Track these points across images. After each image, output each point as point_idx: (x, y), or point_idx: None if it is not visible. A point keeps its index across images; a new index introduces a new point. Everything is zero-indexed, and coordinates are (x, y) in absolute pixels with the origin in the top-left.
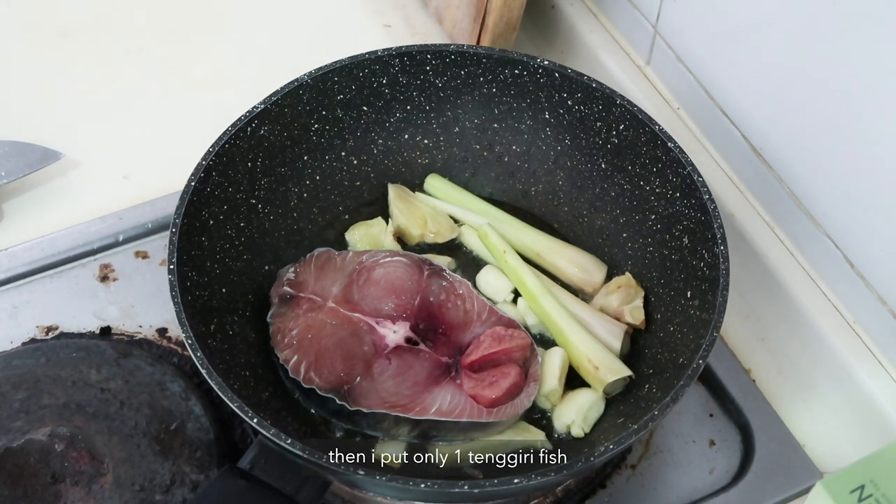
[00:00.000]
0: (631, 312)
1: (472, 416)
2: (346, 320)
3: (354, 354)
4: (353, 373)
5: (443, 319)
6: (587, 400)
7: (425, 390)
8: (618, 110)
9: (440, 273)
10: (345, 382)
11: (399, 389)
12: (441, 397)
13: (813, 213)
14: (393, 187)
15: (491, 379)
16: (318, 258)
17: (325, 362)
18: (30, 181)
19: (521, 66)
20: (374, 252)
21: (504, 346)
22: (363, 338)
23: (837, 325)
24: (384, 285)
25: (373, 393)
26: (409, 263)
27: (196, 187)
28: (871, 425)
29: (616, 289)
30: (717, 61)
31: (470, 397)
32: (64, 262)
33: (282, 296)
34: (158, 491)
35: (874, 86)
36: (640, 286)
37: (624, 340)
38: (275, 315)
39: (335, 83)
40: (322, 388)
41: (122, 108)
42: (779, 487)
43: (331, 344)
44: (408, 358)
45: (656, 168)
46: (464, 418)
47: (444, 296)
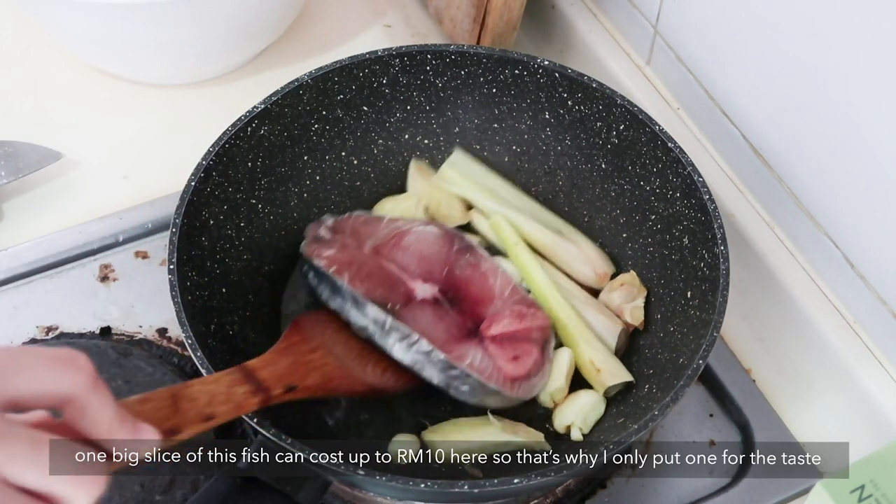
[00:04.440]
0: (631, 312)
1: (497, 383)
2: (382, 267)
3: (392, 286)
4: (394, 299)
5: (467, 293)
6: (588, 401)
7: (457, 342)
8: (618, 110)
9: (470, 248)
10: (387, 301)
11: (436, 331)
12: (472, 353)
13: (813, 213)
14: (416, 163)
15: (513, 354)
16: (357, 218)
17: (368, 278)
18: (30, 181)
19: (521, 66)
20: (410, 220)
21: (525, 324)
22: (397, 283)
23: (837, 325)
24: (414, 252)
25: (413, 323)
26: (441, 235)
27: (196, 187)
28: (871, 425)
29: (619, 286)
30: (717, 61)
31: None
32: (64, 262)
33: (317, 235)
34: (158, 491)
35: (874, 86)
36: (644, 286)
37: (620, 338)
38: (307, 244)
39: (335, 83)
40: (367, 297)
41: (122, 108)
42: (779, 487)
43: (370, 270)
44: (438, 312)
45: (656, 168)
46: (491, 383)
47: (470, 270)
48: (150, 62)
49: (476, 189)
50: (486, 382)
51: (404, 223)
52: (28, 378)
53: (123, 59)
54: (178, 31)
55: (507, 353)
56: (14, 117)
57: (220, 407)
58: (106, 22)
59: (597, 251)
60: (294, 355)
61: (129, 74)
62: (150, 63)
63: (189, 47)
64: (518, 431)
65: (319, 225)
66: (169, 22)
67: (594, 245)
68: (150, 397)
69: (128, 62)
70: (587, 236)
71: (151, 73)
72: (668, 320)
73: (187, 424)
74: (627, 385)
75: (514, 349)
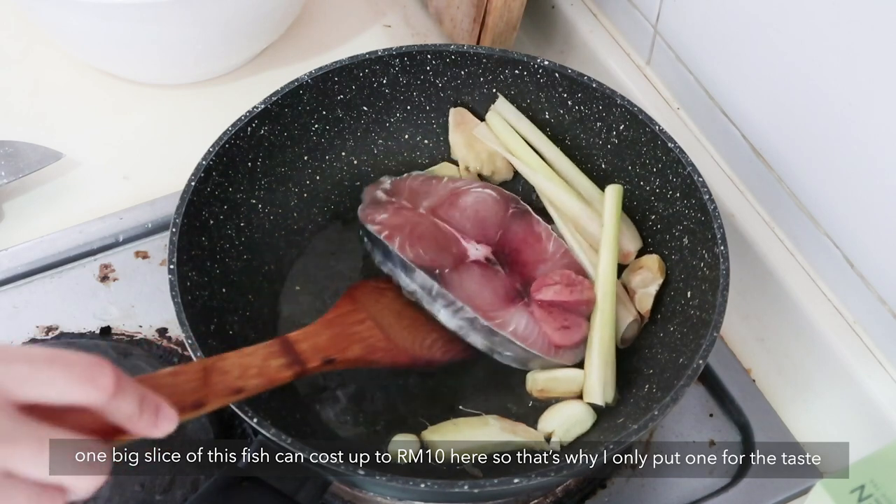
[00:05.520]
0: (641, 298)
1: (541, 349)
2: (435, 225)
3: (444, 247)
4: (443, 262)
5: (519, 254)
6: (575, 413)
7: (503, 307)
8: (618, 110)
9: (525, 213)
10: (436, 266)
11: (482, 294)
12: (517, 319)
13: (813, 213)
14: (455, 112)
15: (563, 324)
16: (415, 178)
17: (418, 242)
18: (30, 181)
19: (521, 66)
20: (468, 181)
21: (575, 296)
22: (450, 243)
23: (837, 325)
24: (470, 213)
25: (460, 287)
26: (498, 198)
27: (196, 187)
28: (871, 425)
29: (639, 269)
30: (717, 61)
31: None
32: (64, 262)
33: (374, 197)
34: (158, 491)
35: (875, 86)
36: (662, 271)
37: (631, 328)
38: (364, 209)
39: (335, 83)
40: (416, 263)
41: (122, 108)
42: (779, 487)
43: (423, 232)
44: (489, 272)
45: (656, 168)
46: (534, 349)
47: (523, 234)
48: (150, 62)
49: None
50: (529, 349)
51: (462, 183)
52: (46, 390)
53: (123, 59)
54: (178, 31)
55: (555, 321)
56: (14, 117)
57: (252, 380)
58: (106, 22)
59: (626, 224)
60: (340, 326)
61: (129, 74)
62: (150, 63)
63: (189, 47)
64: (518, 431)
65: (377, 186)
66: (169, 22)
67: (624, 217)
68: (182, 370)
69: (128, 62)
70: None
71: (151, 73)
72: (668, 320)
73: (214, 397)
74: (627, 385)
75: (564, 319)
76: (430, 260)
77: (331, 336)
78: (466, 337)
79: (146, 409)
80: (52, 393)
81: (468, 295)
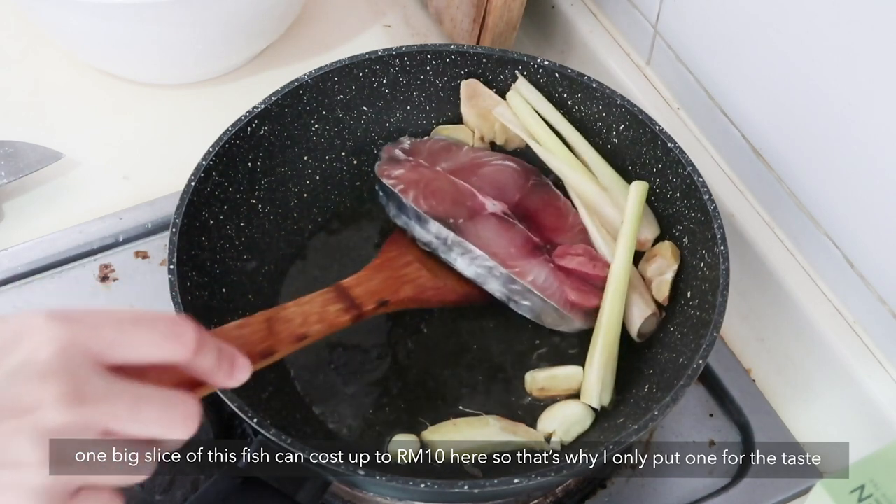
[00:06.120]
0: (658, 286)
1: (559, 303)
2: (451, 181)
3: (459, 201)
4: (458, 214)
5: (538, 220)
6: (574, 413)
7: (522, 257)
8: (618, 110)
9: (545, 185)
10: (450, 216)
11: (500, 243)
12: (537, 271)
13: (813, 213)
14: (466, 84)
15: (582, 287)
16: (436, 141)
17: (433, 195)
18: (30, 181)
19: (521, 66)
20: (489, 152)
21: (596, 271)
22: (466, 197)
23: (837, 325)
24: (489, 181)
25: (476, 236)
26: (519, 170)
27: (196, 187)
28: (871, 425)
29: (653, 257)
30: (717, 61)
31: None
32: (64, 262)
33: (392, 155)
34: (158, 491)
35: (874, 86)
36: (676, 256)
37: (648, 322)
38: (381, 165)
39: (335, 83)
40: (429, 214)
41: (122, 108)
42: (779, 487)
43: (438, 187)
44: (506, 224)
45: (656, 168)
46: (552, 301)
47: (543, 204)
48: (150, 62)
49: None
50: (547, 300)
51: (485, 154)
52: (136, 351)
53: (123, 59)
54: (178, 31)
55: (574, 283)
56: (14, 117)
57: (314, 326)
58: (106, 22)
59: (644, 211)
60: (389, 269)
61: (129, 74)
62: (150, 63)
63: (189, 47)
64: (518, 431)
65: (396, 146)
66: (169, 22)
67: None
68: (248, 322)
69: (128, 62)
70: None
71: (151, 73)
72: (667, 320)
73: (281, 345)
74: (627, 385)
75: (583, 284)
76: (444, 211)
77: (382, 280)
78: (484, 284)
79: (224, 361)
80: (141, 353)
81: (485, 243)
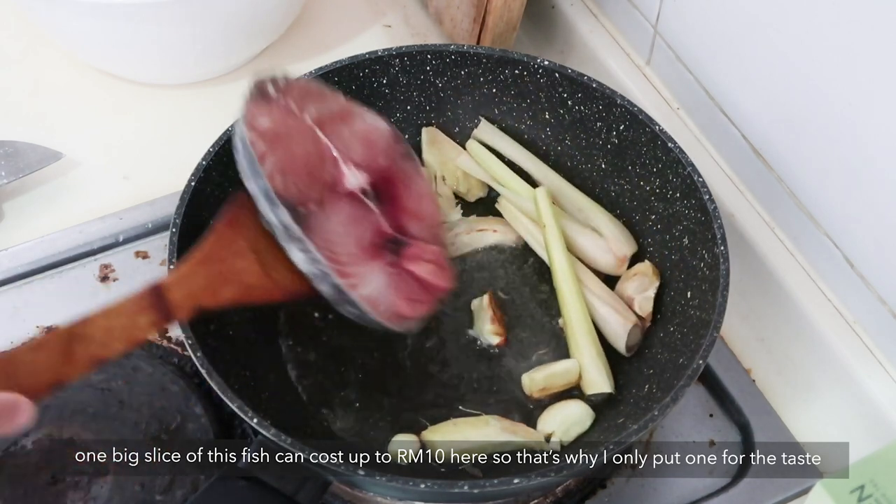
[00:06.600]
0: (640, 303)
1: (386, 317)
2: (316, 140)
3: (316, 175)
4: (311, 195)
5: (398, 198)
6: (574, 412)
7: (364, 260)
8: (618, 110)
9: (413, 160)
10: (302, 201)
11: (345, 241)
12: (373, 280)
13: (813, 213)
14: (427, 131)
15: (415, 296)
16: (311, 82)
17: (290, 165)
18: (30, 181)
19: (521, 66)
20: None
21: (439, 282)
22: (326, 164)
23: (837, 325)
24: (360, 133)
25: (322, 231)
26: (390, 132)
27: (196, 187)
28: (871, 425)
29: (633, 276)
30: (717, 61)
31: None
32: (64, 262)
33: (262, 88)
34: (158, 491)
35: (874, 86)
36: (657, 275)
37: (633, 335)
38: (249, 101)
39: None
40: (280, 196)
41: (122, 108)
42: (779, 487)
43: (299, 151)
44: (359, 210)
45: (656, 168)
46: (380, 318)
47: (407, 181)
48: (150, 62)
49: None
50: (374, 317)
51: (357, 106)
52: None
53: (123, 59)
54: (178, 31)
55: (410, 291)
56: (14, 117)
57: (115, 345)
58: (106, 22)
59: (619, 229)
60: (216, 262)
61: (129, 74)
62: (150, 63)
63: (189, 47)
64: (518, 431)
65: (269, 79)
66: (169, 22)
67: (617, 223)
68: (45, 342)
69: (128, 62)
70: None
71: (151, 73)
72: (668, 320)
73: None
74: (627, 385)
75: (419, 294)
76: (297, 192)
77: (204, 278)
78: (318, 285)
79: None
80: None
81: (329, 240)
